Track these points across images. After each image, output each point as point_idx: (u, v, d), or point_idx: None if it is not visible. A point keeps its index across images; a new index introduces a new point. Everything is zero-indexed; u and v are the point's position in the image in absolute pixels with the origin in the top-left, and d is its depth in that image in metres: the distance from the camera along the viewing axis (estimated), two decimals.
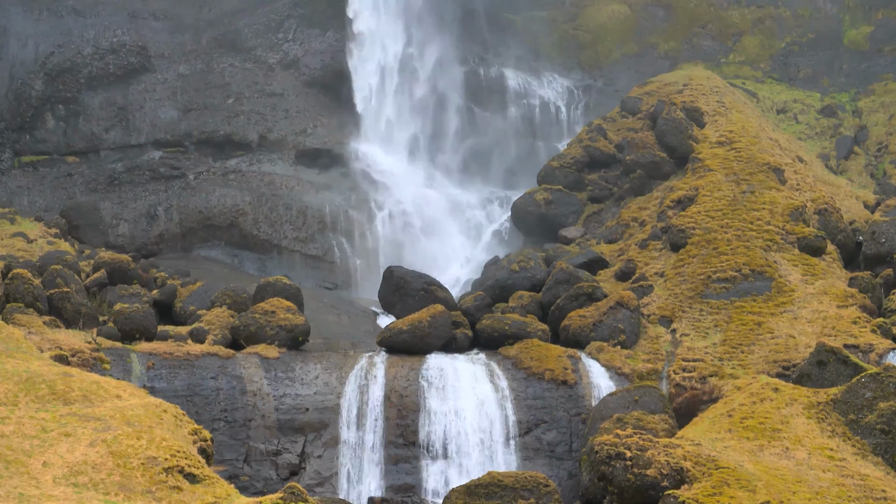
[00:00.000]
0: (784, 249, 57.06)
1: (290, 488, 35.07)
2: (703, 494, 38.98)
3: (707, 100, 69.21)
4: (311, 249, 70.79)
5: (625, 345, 52.54)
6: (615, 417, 47.12)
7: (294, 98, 75.31)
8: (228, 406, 48.04)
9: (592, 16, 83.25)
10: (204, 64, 75.26)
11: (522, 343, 51.98)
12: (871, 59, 79.22)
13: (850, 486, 40.34)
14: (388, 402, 49.04)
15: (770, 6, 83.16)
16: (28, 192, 70.98)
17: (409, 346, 51.63)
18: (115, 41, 74.36)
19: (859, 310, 53.20)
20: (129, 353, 48.41)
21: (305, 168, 73.93)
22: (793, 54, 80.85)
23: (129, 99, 73.76)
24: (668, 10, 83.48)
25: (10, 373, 38.92)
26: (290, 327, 51.34)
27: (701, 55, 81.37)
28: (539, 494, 41.35)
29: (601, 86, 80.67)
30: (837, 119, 75.28)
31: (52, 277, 51.69)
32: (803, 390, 45.59)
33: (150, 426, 37.07)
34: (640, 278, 57.29)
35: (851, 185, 68.25)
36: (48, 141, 72.54)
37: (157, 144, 73.30)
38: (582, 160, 69.98)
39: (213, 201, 71.11)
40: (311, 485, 47.38)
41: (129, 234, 69.89)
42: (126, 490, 33.79)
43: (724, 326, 53.06)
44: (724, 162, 62.85)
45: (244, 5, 77.15)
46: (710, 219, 58.92)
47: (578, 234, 65.75)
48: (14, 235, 61.47)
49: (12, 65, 72.89)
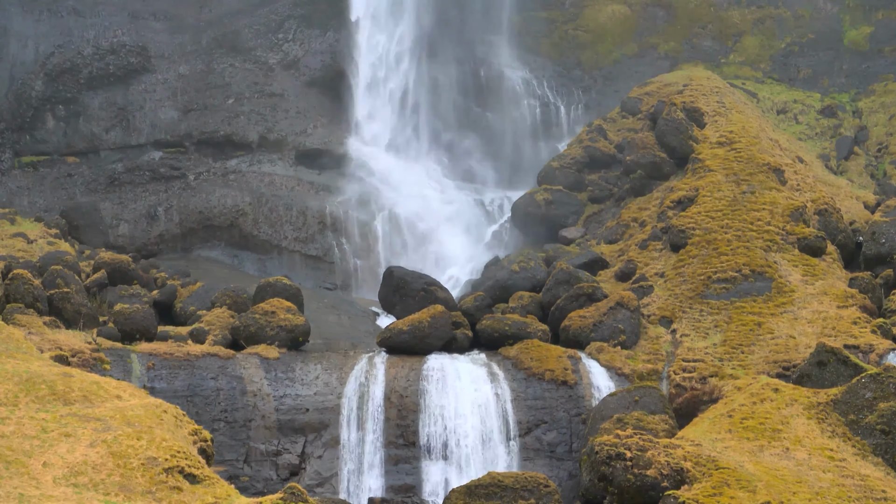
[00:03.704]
0: (784, 250, 57.04)
1: (291, 489, 35.07)
2: (703, 495, 38.97)
3: (707, 100, 69.17)
4: (312, 250, 70.79)
5: (625, 345, 52.52)
6: (615, 418, 47.10)
7: (294, 98, 75.34)
8: (228, 406, 48.02)
9: (592, 16, 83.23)
10: (204, 64, 75.30)
11: (522, 343, 51.95)
12: (872, 59, 79.19)
13: (851, 486, 40.34)
14: (388, 402, 49.01)
15: (770, 6, 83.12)
16: (28, 193, 71.00)
17: (409, 346, 51.60)
18: (115, 41, 74.42)
19: (859, 310, 53.16)
20: (129, 354, 48.38)
21: (305, 168, 73.93)
22: (793, 54, 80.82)
23: (129, 99, 73.82)
24: (668, 11, 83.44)
25: (11, 373, 38.92)
26: (291, 328, 51.32)
27: (701, 55, 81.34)
28: (539, 495, 41.34)
29: (601, 86, 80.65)
30: (837, 119, 75.24)
31: (53, 278, 51.67)
32: (803, 391, 45.58)
33: (150, 426, 37.07)
34: (641, 279, 57.27)
35: (851, 186, 68.19)
36: (48, 141, 72.58)
37: (158, 145, 73.33)
38: (582, 160, 70.03)
39: (213, 202, 71.13)
40: (312, 485, 47.35)
41: (130, 235, 69.91)
42: (126, 490, 33.79)
43: (725, 327, 53.03)
44: (725, 162, 62.82)
45: (244, 6, 77.21)
46: (710, 219, 58.89)
47: (578, 234, 65.74)
48: (14, 236, 61.47)
49: (12, 65, 72.95)
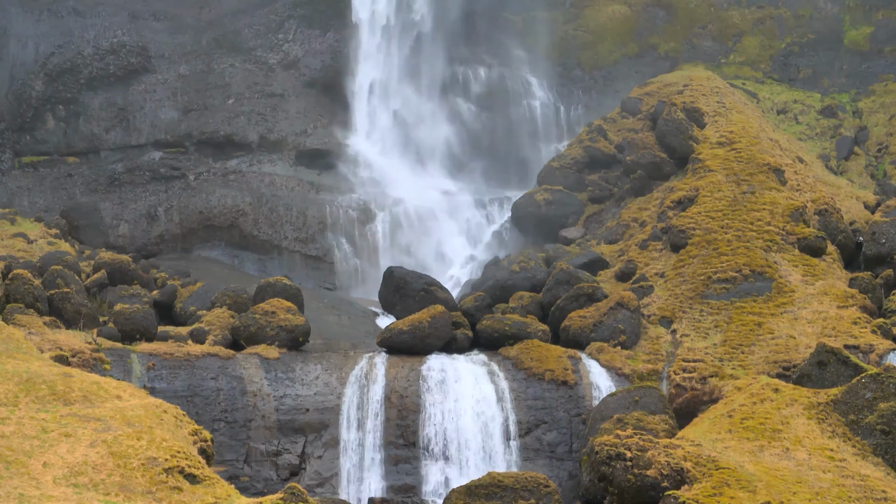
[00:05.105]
0: (784, 250, 57.03)
1: (291, 489, 35.08)
2: (703, 495, 38.97)
3: (707, 100, 69.17)
4: (312, 250, 70.79)
5: (625, 345, 52.52)
6: (615, 418, 47.10)
7: (294, 98, 75.36)
8: (229, 406, 48.01)
9: (592, 16, 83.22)
10: (204, 64, 75.32)
11: (523, 343, 51.94)
12: (872, 59, 79.16)
13: (851, 486, 40.34)
14: (388, 402, 49.01)
15: (770, 7, 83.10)
16: (28, 193, 71.02)
17: (409, 346, 51.60)
18: (115, 42, 74.43)
19: (859, 310, 53.15)
20: (129, 354, 48.38)
21: (305, 168, 73.93)
22: (793, 55, 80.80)
23: (129, 99, 73.84)
24: (668, 11, 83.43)
25: (11, 373, 38.92)
26: (291, 328, 51.32)
27: (701, 56, 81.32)
28: (539, 495, 41.33)
29: (601, 86, 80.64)
30: (838, 119, 75.22)
31: (53, 278, 51.68)
32: (803, 391, 45.57)
33: (150, 427, 37.07)
34: (641, 279, 57.26)
35: (852, 186, 68.18)
36: (48, 141, 72.59)
37: (158, 145, 73.34)
38: (582, 160, 70.03)
39: (213, 202, 71.13)
40: (312, 485, 47.35)
41: (130, 235, 69.92)
42: (126, 491, 33.79)
43: (725, 327, 53.02)
44: (725, 162, 62.81)
45: (244, 6, 77.22)
46: (710, 219, 58.88)
47: (579, 234, 65.74)
48: (14, 236, 61.49)
49: (12, 65, 72.97)
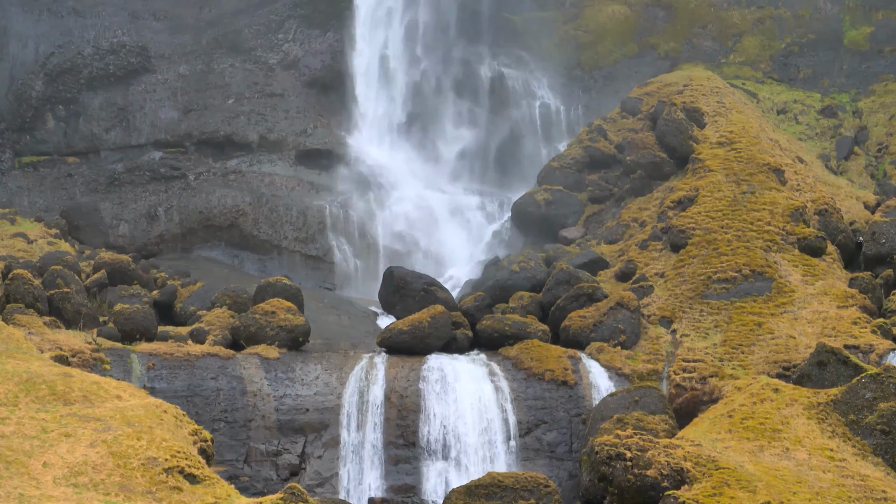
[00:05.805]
0: (784, 250, 57.04)
1: (291, 489, 35.08)
2: (703, 495, 38.97)
3: (707, 100, 69.18)
4: (312, 250, 70.77)
5: (625, 345, 52.52)
6: (615, 418, 47.10)
7: (294, 98, 75.34)
8: (229, 406, 48.01)
9: (592, 16, 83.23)
10: (204, 64, 75.31)
11: (523, 343, 51.95)
12: (872, 59, 79.16)
13: (851, 486, 40.34)
14: (388, 402, 49.01)
15: (770, 6, 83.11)
16: (28, 193, 71.01)
17: (409, 346, 51.60)
18: (115, 41, 74.42)
19: (859, 310, 53.15)
20: (129, 354, 48.38)
21: (306, 168, 73.91)
22: (793, 55, 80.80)
23: (129, 99, 73.83)
24: (668, 11, 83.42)
25: (11, 373, 38.92)
26: (291, 328, 51.32)
27: (701, 56, 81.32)
28: (539, 495, 41.33)
29: (601, 86, 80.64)
30: (838, 119, 75.22)
31: (53, 278, 51.68)
32: (803, 391, 45.57)
33: (150, 427, 37.07)
34: (641, 279, 57.26)
35: (852, 186, 68.18)
36: (48, 141, 72.58)
37: (158, 145, 73.32)
38: (582, 160, 70.03)
39: (213, 202, 71.11)
40: (312, 485, 47.35)
41: (130, 235, 69.90)
42: (126, 490, 33.79)
43: (725, 327, 53.03)
44: (725, 162, 62.81)
45: (244, 6, 77.21)
46: (710, 219, 58.89)
47: (579, 234, 65.73)
48: (14, 236, 61.48)
49: (12, 65, 72.95)
